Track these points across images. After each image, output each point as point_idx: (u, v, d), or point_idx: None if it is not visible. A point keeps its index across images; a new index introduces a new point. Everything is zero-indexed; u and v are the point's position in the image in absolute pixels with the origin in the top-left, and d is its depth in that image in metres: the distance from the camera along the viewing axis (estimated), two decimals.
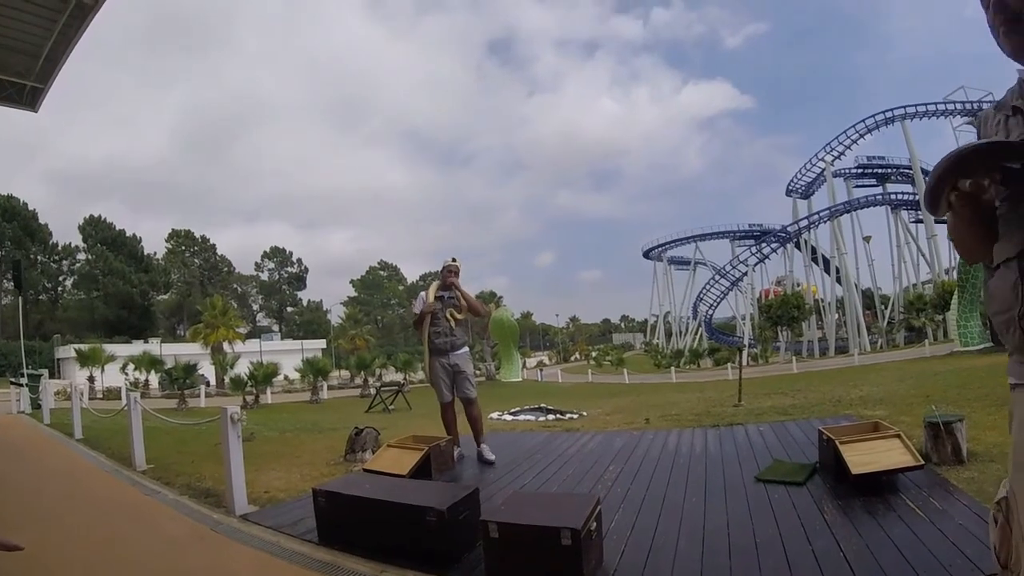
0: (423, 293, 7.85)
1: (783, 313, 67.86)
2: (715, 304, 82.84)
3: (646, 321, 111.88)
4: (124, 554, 4.67)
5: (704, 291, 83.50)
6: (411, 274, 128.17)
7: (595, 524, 3.77)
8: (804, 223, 76.31)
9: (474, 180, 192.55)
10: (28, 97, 21.35)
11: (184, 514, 5.81)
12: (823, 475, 5.60)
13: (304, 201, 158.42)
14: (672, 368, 55.23)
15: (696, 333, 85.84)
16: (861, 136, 73.34)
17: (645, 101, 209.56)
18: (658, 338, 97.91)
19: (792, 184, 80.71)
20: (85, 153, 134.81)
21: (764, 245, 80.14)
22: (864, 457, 5.05)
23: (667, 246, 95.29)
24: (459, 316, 7.53)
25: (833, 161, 75.39)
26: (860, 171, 76.67)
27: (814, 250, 78.88)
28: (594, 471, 6.60)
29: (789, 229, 77.90)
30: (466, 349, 7.65)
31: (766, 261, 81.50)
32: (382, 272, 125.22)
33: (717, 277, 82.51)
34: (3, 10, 17.58)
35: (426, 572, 3.92)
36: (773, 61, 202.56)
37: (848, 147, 74.49)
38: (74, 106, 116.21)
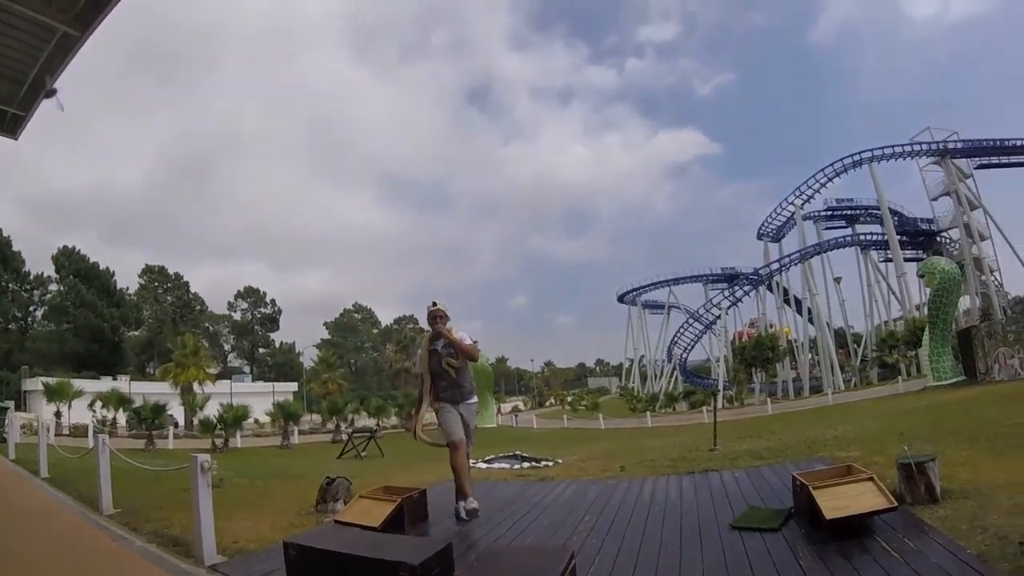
0: (420, 350, 7.44)
1: (757, 355, 68.63)
2: (689, 347, 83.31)
3: (621, 365, 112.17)
4: None
5: (678, 334, 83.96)
6: (385, 317, 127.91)
7: None
8: (776, 266, 77.15)
9: (450, 223, 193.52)
10: (9, 124, 21.19)
11: (152, 562, 5.69)
12: (798, 520, 5.60)
13: (280, 239, 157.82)
14: (647, 412, 55.14)
15: (671, 376, 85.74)
16: (830, 180, 74.34)
17: (617, 148, 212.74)
18: (633, 382, 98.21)
19: (763, 228, 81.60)
20: (62, 181, 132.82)
21: (737, 288, 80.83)
22: (838, 502, 5.07)
23: (641, 290, 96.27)
24: (456, 364, 7.07)
25: (803, 205, 76.49)
26: (829, 213, 77.95)
27: (786, 292, 79.63)
28: (569, 521, 6.55)
29: (761, 272, 78.72)
30: (474, 400, 7.35)
31: (739, 304, 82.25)
32: (356, 315, 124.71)
33: (691, 320, 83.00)
34: None
35: None
36: (742, 109, 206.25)
37: (817, 191, 75.56)
38: (53, 133, 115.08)
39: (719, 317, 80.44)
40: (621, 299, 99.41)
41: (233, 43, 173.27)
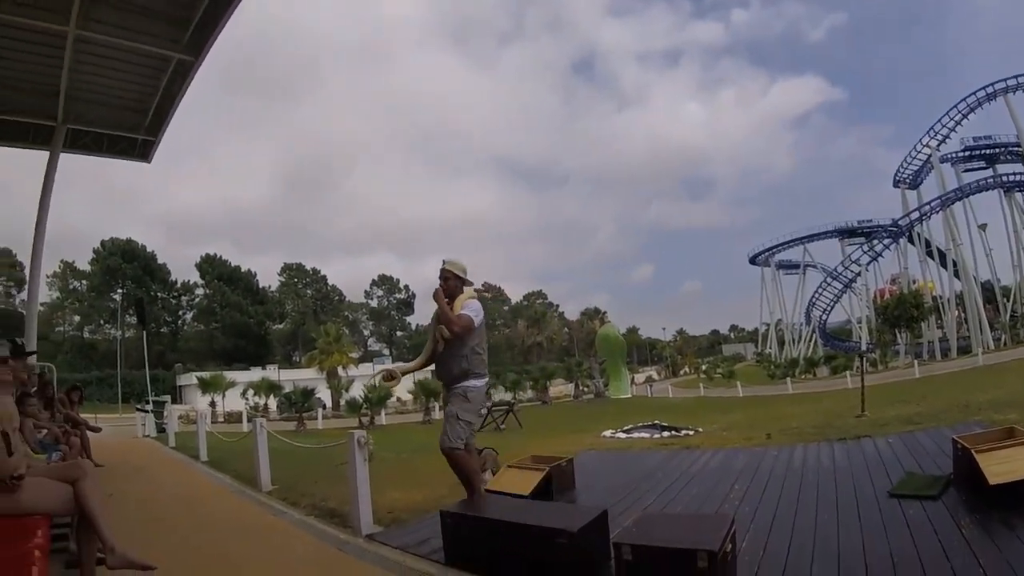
0: None
1: (901, 313, 64.43)
2: (828, 308, 79.63)
3: (756, 330, 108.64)
4: (257, 572, 4.83)
5: (816, 295, 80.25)
6: (515, 294, 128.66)
7: (730, 546, 3.66)
8: (915, 215, 72.77)
9: (568, 199, 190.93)
10: (140, 149, 22.58)
11: (310, 534, 5.93)
12: (958, 487, 5.33)
13: (404, 231, 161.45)
14: (787, 379, 53.60)
15: (810, 340, 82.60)
16: (964, 116, 69.50)
17: (733, 104, 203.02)
18: (770, 347, 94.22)
19: (899, 174, 77.57)
20: (194, 200, 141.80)
21: (876, 242, 76.23)
22: (1003, 466, 4.79)
23: (774, 250, 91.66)
24: (445, 335, 5.90)
25: (938, 146, 71.97)
26: (967, 154, 72.13)
27: (928, 243, 74.67)
28: (718, 490, 6.45)
29: (900, 223, 74.29)
30: (467, 383, 5.88)
31: (879, 259, 77.50)
32: (486, 294, 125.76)
33: (829, 280, 79.03)
34: (114, 73, 18.73)
35: None
36: (859, 49, 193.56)
37: (952, 129, 70.71)
38: (181, 155, 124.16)
39: (858, 274, 76.47)
40: (753, 260, 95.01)
41: (335, 54, 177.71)
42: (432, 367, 6.24)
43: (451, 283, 6.01)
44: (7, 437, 3.78)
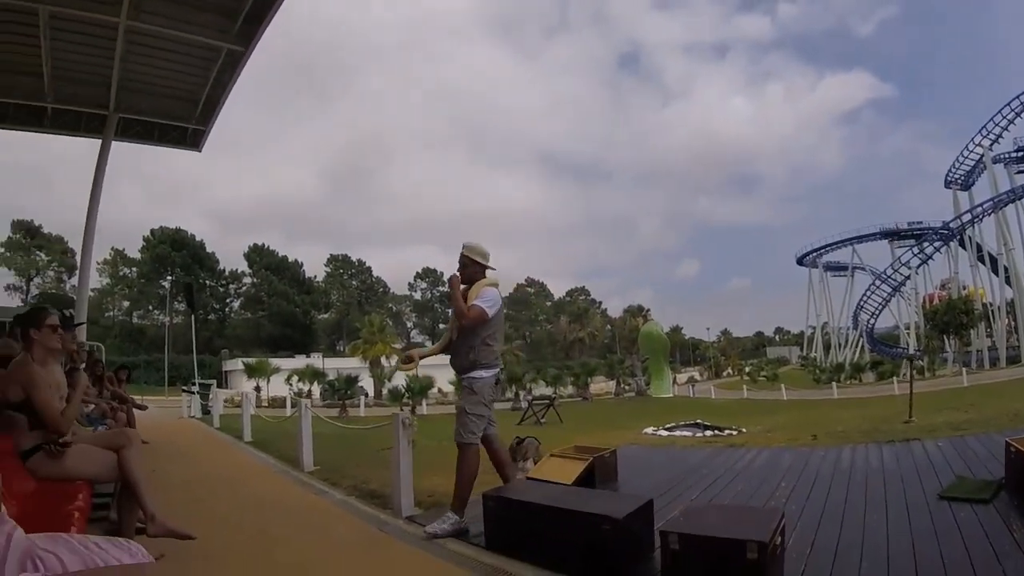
0: None
1: (950, 320, 63.00)
2: (877, 312, 78.53)
3: (802, 333, 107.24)
4: (297, 550, 4.83)
5: (864, 298, 79.20)
6: (558, 290, 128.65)
7: (779, 539, 3.59)
8: (967, 217, 71.38)
9: (613, 193, 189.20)
10: (191, 138, 22.98)
11: (351, 514, 5.95)
12: (1010, 491, 5.21)
13: (448, 224, 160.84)
14: (833, 383, 52.88)
15: (857, 345, 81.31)
16: (1017, 115, 67.59)
17: (781, 100, 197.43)
18: (816, 351, 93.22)
19: (951, 174, 75.80)
20: (242, 190, 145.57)
21: (926, 244, 75.29)
22: None
23: (822, 251, 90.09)
24: (462, 323, 5.61)
25: (991, 145, 70.12)
26: (1021, 154, 69.67)
27: (979, 247, 72.82)
28: (764, 488, 6.36)
29: (951, 225, 72.98)
30: (473, 374, 5.56)
31: (929, 262, 76.65)
32: (529, 288, 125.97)
33: (877, 282, 78.07)
34: (165, 64, 19.09)
35: None
36: (909, 43, 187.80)
37: (1005, 128, 68.91)
38: (230, 147, 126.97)
39: (908, 277, 75.63)
40: (800, 261, 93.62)
41: (382, 46, 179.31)
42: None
43: (469, 269, 5.77)
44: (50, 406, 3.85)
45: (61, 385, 4.08)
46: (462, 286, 5.72)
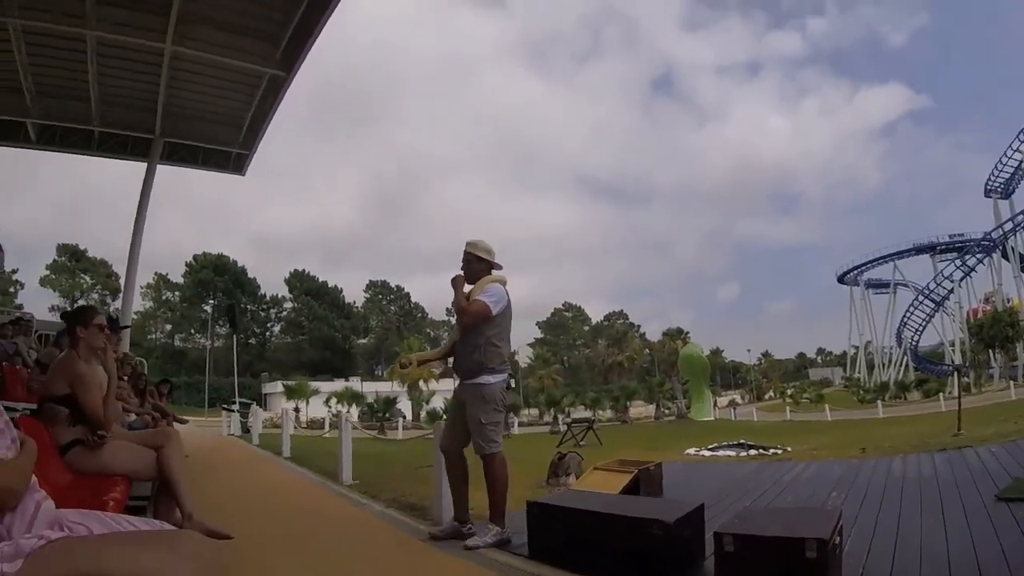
0: None
1: (996, 333, 61.57)
2: (920, 329, 76.62)
3: (845, 354, 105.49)
4: (337, 555, 4.80)
5: (907, 315, 77.36)
6: (595, 314, 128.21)
7: (838, 539, 3.45)
8: (1008, 226, 69.83)
9: (651, 216, 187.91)
10: (235, 163, 23.44)
11: (391, 524, 5.87)
12: None
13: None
14: (878, 402, 51.93)
15: (901, 364, 79.67)
16: None
17: (817, 114, 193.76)
18: (859, 372, 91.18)
19: (990, 182, 73.98)
20: (283, 217, 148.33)
21: (968, 257, 73.41)
22: None
23: (863, 268, 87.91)
24: (465, 322, 5.27)
25: None
26: None
27: (1022, 258, 71.17)
28: (815, 498, 6.24)
29: (992, 235, 71.41)
30: (481, 379, 5.15)
31: (972, 275, 74.55)
32: (567, 313, 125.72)
33: (920, 298, 76.11)
34: (210, 89, 19.54)
35: None
36: (942, 52, 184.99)
37: None
38: (270, 174, 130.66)
39: (951, 291, 73.56)
40: (841, 279, 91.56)
41: (417, 76, 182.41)
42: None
43: (474, 266, 5.36)
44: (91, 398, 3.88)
45: (104, 383, 4.12)
46: (467, 287, 5.36)
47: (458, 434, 5.32)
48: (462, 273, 5.35)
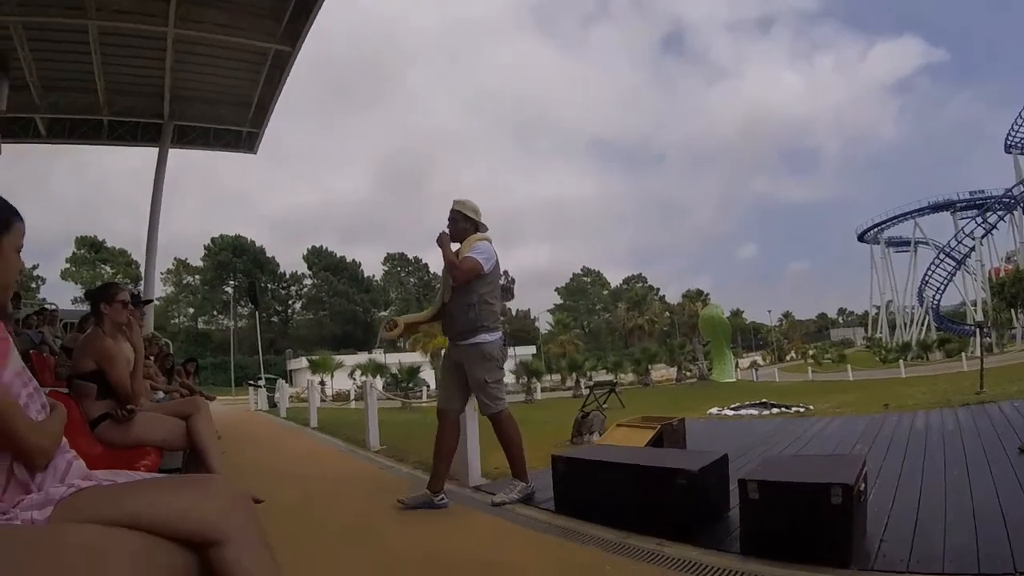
0: None
1: (1018, 291, 60.34)
2: (942, 288, 75.90)
3: (866, 313, 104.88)
4: (367, 513, 4.92)
5: (928, 274, 76.68)
6: (614, 278, 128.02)
7: (863, 485, 3.43)
8: None
9: (665, 178, 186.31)
10: (246, 141, 23.52)
11: (420, 485, 5.94)
12: None
13: (500, 218, 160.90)
14: (900, 362, 51.62)
15: (923, 323, 79.03)
16: None
17: (831, 70, 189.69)
18: (881, 331, 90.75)
19: (1010, 138, 73.01)
20: (297, 197, 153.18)
21: (989, 214, 72.54)
22: None
23: (883, 225, 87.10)
24: (452, 283, 5.16)
25: None
26: None
27: None
28: (839, 451, 6.21)
29: (1013, 192, 70.34)
30: (478, 338, 5.10)
31: (993, 232, 73.77)
32: (585, 278, 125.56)
33: (941, 256, 75.37)
34: (215, 69, 19.60)
35: (673, 540, 3.66)
36: (958, 3, 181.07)
37: None
38: (283, 156, 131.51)
39: (972, 249, 72.75)
40: (861, 238, 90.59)
41: (424, 48, 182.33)
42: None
43: (459, 225, 5.29)
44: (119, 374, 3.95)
45: (130, 359, 4.19)
46: (454, 245, 5.25)
47: (454, 395, 5.30)
48: (447, 231, 5.26)
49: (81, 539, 1.26)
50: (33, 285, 75.15)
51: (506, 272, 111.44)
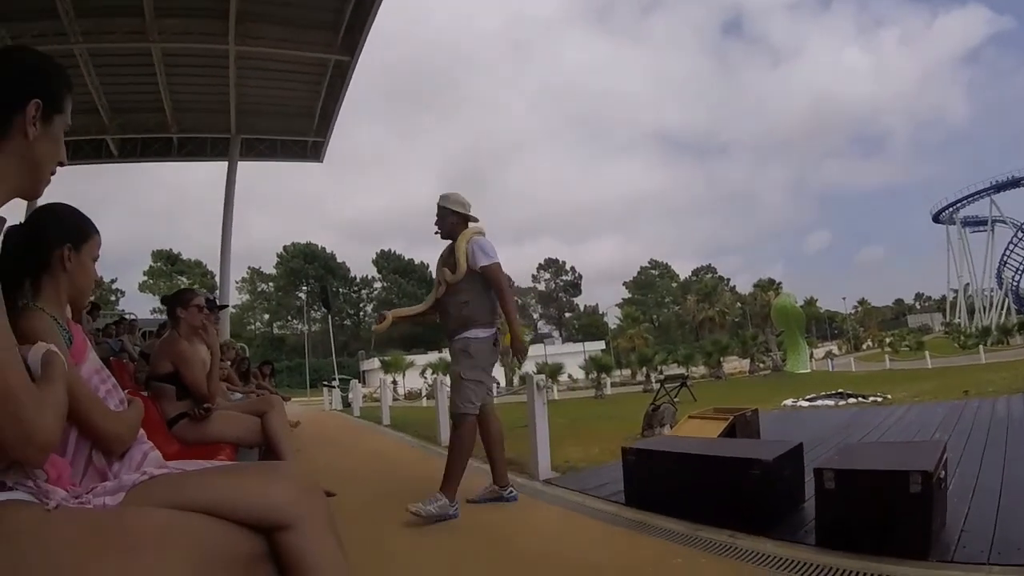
0: None
1: None
2: (1021, 268, 73.48)
3: (944, 298, 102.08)
4: None
5: (1007, 253, 74.36)
6: (683, 270, 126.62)
7: (943, 472, 3.34)
8: None
9: (732, 167, 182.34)
10: (312, 151, 24.05)
11: (488, 479, 5.99)
12: None
13: (567, 215, 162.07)
14: (980, 347, 50.10)
15: (1003, 306, 76.57)
16: None
17: (896, 45, 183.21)
18: (959, 316, 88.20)
19: None
20: (365, 202, 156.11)
21: None
22: None
23: (958, 204, 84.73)
24: (449, 279, 4.98)
25: None
26: None
27: None
28: (918, 439, 6.02)
29: None
30: (467, 334, 4.92)
31: None
32: (653, 271, 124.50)
33: (1020, 234, 73.06)
34: (278, 82, 20.11)
35: (746, 532, 3.61)
36: None
37: None
38: (350, 162, 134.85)
39: None
40: (936, 218, 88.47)
41: (486, 53, 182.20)
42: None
43: (449, 220, 5.11)
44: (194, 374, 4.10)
45: (206, 360, 4.35)
46: (446, 241, 5.17)
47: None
48: (438, 231, 5.17)
49: (148, 521, 1.29)
50: (112, 298, 77.36)
51: (573, 268, 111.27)
